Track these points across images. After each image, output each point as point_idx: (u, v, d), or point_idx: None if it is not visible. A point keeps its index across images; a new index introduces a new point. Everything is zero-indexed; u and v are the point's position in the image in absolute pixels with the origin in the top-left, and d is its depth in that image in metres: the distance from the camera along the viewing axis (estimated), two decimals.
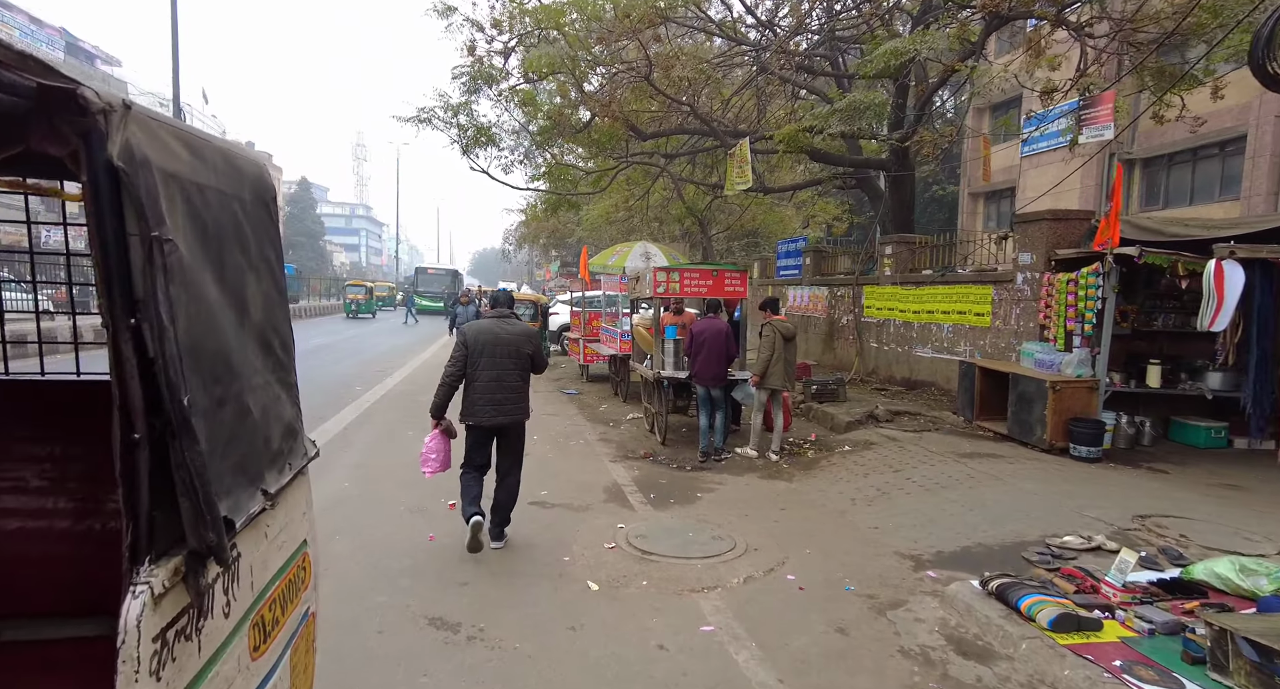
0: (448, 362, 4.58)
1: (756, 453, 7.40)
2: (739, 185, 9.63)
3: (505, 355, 4.50)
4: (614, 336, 10.88)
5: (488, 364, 4.46)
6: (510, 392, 4.52)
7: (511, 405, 4.53)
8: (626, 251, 12.38)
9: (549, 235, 24.08)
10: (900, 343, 11.01)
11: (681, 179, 12.93)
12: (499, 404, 4.48)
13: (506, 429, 4.60)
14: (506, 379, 4.50)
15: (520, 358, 4.56)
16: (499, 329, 4.55)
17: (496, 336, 4.51)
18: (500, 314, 4.70)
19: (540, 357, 4.79)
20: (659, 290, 7.51)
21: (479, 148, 12.48)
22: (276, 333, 1.76)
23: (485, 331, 4.51)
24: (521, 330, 4.67)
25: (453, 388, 4.51)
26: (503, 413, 4.49)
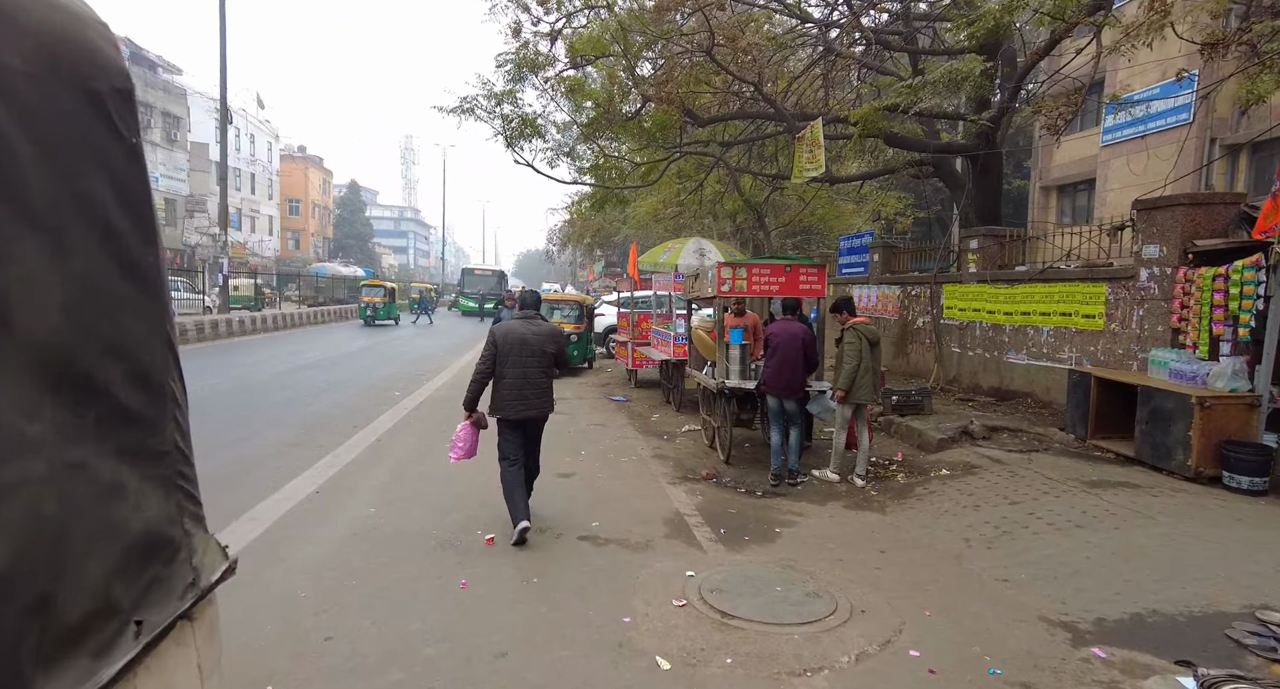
0: (478, 359, 4.85)
1: (838, 476, 6.42)
2: (809, 172, 8.65)
3: (531, 354, 4.77)
4: (666, 340, 10.01)
5: (515, 362, 4.74)
6: (535, 387, 4.80)
7: (537, 400, 4.83)
8: (679, 248, 11.51)
9: (594, 234, 23.38)
10: (988, 348, 9.82)
11: (738, 169, 11.97)
12: (525, 399, 4.76)
13: (532, 422, 4.92)
14: (532, 376, 4.78)
15: (545, 356, 4.83)
16: (525, 329, 4.82)
17: (523, 337, 4.78)
18: (527, 315, 4.95)
19: (564, 355, 5.03)
20: (723, 289, 6.61)
21: (523, 140, 11.79)
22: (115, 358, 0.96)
23: (513, 332, 4.79)
24: (547, 330, 4.91)
25: (483, 384, 4.81)
26: (529, 407, 4.79)
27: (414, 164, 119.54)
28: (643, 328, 12.21)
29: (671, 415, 9.72)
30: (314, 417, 8.79)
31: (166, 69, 42.71)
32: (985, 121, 8.63)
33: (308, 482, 5.86)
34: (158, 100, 39.11)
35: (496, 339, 4.77)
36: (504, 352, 4.73)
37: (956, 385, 10.43)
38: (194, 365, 13.31)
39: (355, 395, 10.63)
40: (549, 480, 6.20)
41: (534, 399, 4.78)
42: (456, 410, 7.48)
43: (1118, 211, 14.61)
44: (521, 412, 4.76)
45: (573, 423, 9.05)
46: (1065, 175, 21.85)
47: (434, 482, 6.07)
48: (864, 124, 8.65)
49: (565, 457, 7.16)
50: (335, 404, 9.74)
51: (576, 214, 21.36)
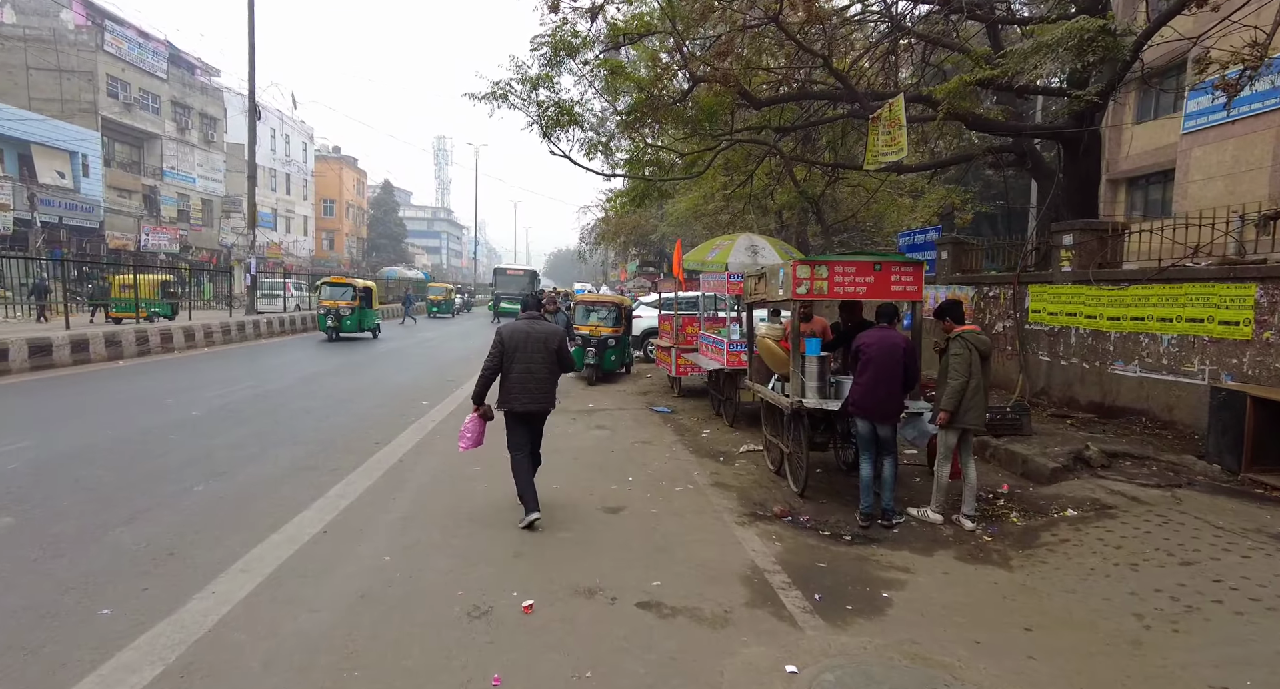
0: (487, 357, 5.07)
1: (941, 517, 5.35)
2: (886, 156, 7.57)
3: (535, 352, 5.05)
4: (718, 347, 9.00)
5: (520, 359, 5.02)
6: (539, 383, 5.07)
7: (540, 395, 5.10)
8: (728, 245, 10.48)
9: (630, 232, 22.42)
10: (1087, 357, 8.60)
11: (793, 158, 10.90)
12: (530, 393, 5.05)
13: (535, 415, 5.22)
14: (536, 372, 5.05)
15: (548, 353, 5.09)
16: (530, 329, 5.10)
17: (528, 335, 5.06)
18: (530, 316, 5.25)
19: (567, 353, 5.25)
20: (799, 291, 5.58)
21: (560, 129, 10.87)
22: None
23: (518, 331, 5.07)
24: (549, 329, 5.18)
25: (490, 380, 5.07)
26: (534, 401, 5.09)
27: (447, 164, 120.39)
28: (688, 332, 11.21)
29: (724, 431, 8.71)
30: (331, 431, 8.00)
31: (205, 71, 43.05)
32: (1093, 96, 7.43)
33: (315, 518, 5.01)
34: (196, 101, 39.39)
35: (503, 338, 5.04)
36: (510, 349, 5.02)
37: (1046, 399, 9.22)
38: (217, 370, 12.71)
39: (379, 405, 9.85)
40: (595, 517, 5.25)
41: (538, 394, 5.07)
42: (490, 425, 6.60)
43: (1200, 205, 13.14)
44: (526, 405, 5.06)
45: (615, 440, 8.11)
46: (1137, 167, 20.18)
47: (459, 518, 5.16)
48: (950, 101, 7.52)
49: (611, 484, 6.21)
50: (357, 416, 8.96)
51: (612, 211, 20.43)
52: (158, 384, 11.21)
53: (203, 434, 7.52)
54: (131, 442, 7.04)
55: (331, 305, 18.99)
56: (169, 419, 8.20)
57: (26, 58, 32.14)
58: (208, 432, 7.66)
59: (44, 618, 3.41)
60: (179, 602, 3.64)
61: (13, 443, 6.70)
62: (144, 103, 35.69)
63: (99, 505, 5.07)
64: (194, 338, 16.07)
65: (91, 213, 32.06)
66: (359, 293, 19.41)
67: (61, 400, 9.56)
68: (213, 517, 4.96)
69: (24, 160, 29.84)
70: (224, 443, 7.17)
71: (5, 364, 11.02)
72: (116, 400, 9.44)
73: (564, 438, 8.11)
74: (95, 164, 32.44)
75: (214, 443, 7.14)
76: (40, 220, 28.84)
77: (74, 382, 11.07)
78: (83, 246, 31.71)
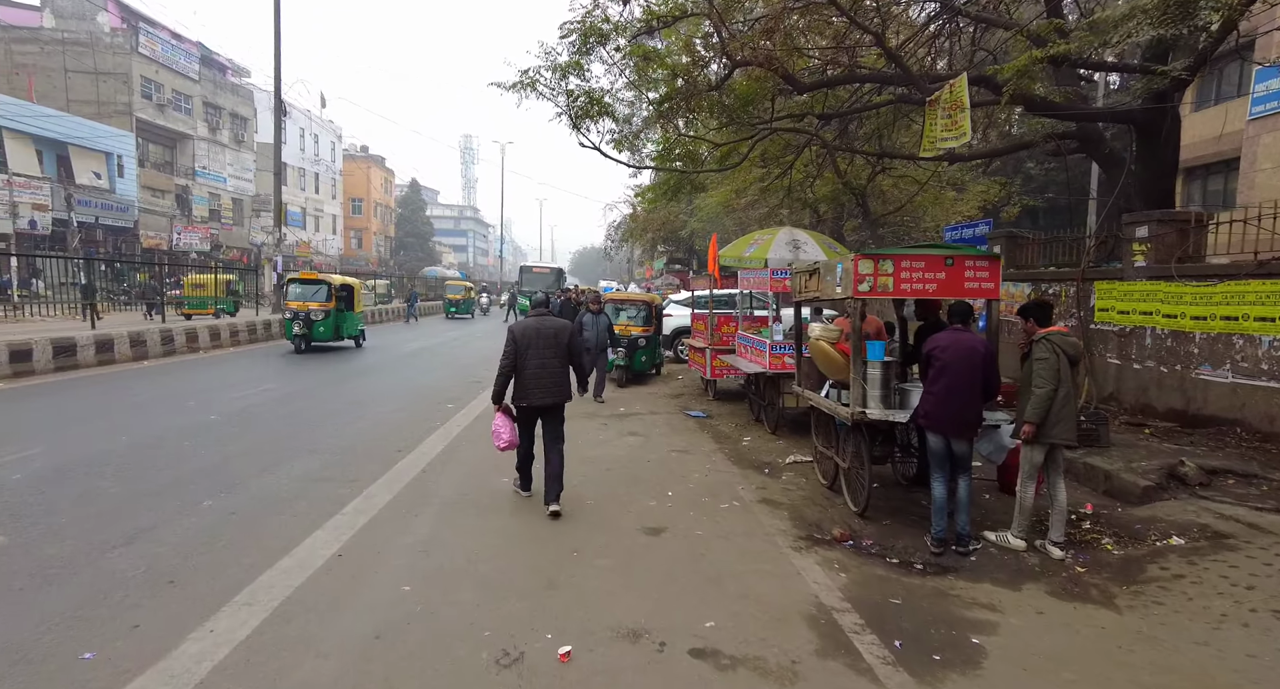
0: (502, 355, 5.26)
1: (1024, 542, 4.74)
2: (947, 142, 6.93)
3: (546, 347, 5.23)
4: (759, 349, 8.43)
5: (534, 355, 5.19)
6: (553, 376, 5.24)
7: (555, 388, 5.26)
8: (768, 240, 9.89)
9: (659, 228, 21.85)
10: (1166, 360, 7.85)
11: (837, 148, 10.26)
12: (545, 387, 5.20)
13: (551, 408, 5.32)
14: (549, 366, 5.22)
15: (559, 348, 5.27)
16: (541, 325, 5.29)
17: (539, 332, 5.25)
18: (540, 314, 5.42)
19: (577, 348, 5.47)
20: (861, 288, 5.00)
21: (590, 120, 10.37)
22: None
23: (530, 329, 5.26)
24: (559, 325, 5.37)
25: (508, 377, 5.25)
26: (549, 394, 5.23)
27: (474, 163, 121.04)
28: (724, 332, 10.64)
29: (766, 439, 8.14)
30: (352, 438, 7.62)
31: (236, 72, 43.51)
32: (1180, 72, 6.69)
33: (328, 539, 4.58)
34: (227, 102, 39.78)
35: (516, 336, 5.22)
36: (523, 346, 5.21)
37: (1116, 405, 8.48)
38: (240, 371, 12.47)
39: (402, 407, 9.47)
40: (635, 540, 4.75)
41: (553, 387, 5.24)
42: None
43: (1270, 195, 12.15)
44: (542, 398, 5.23)
45: (649, 448, 7.59)
46: (1196, 156, 19.03)
47: (487, 539, 4.70)
48: (1016, 81, 6.84)
49: (649, 499, 5.69)
50: (379, 421, 8.57)
51: (642, 206, 19.90)
52: (180, 385, 10.99)
53: (218, 440, 7.18)
54: (144, 448, 6.72)
55: (300, 308, 15.18)
56: (186, 423, 7.89)
57: (65, 61, 32.69)
58: (224, 437, 7.32)
59: (16, 664, 3.01)
60: (172, 643, 3.22)
61: (21, 450, 6.42)
62: (177, 104, 36.12)
63: (100, 522, 4.71)
64: (219, 337, 15.92)
65: (126, 213, 32.51)
66: (336, 292, 15.72)
67: (80, 403, 9.35)
68: (219, 536, 4.56)
69: (62, 161, 30.33)
70: (239, 450, 6.81)
71: (29, 364, 10.89)
72: (135, 403, 9.20)
73: (596, 445, 7.62)
74: (130, 164, 32.89)
75: (228, 450, 6.79)
76: (77, 220, 29.31)
77: (96, 382, 10.90)
78: (118, 246, 32.18)
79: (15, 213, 26.88)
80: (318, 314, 15.29)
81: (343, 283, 16.41)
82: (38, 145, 29.35)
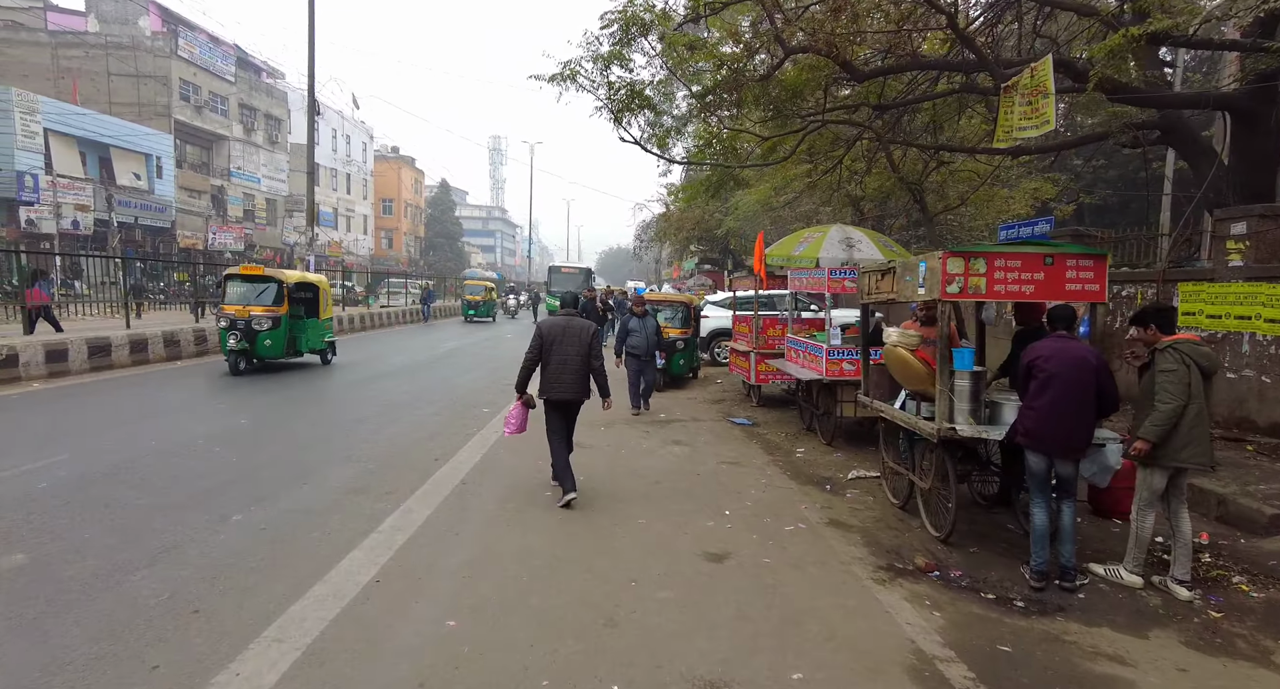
0: (528, 349, 5.47)
1: (1140, 578, 4.18)
2: (1026, 130, 6.34)
3: (570, 344, 5.44)
4: (815, 353, 7.91)
5: (557, 351, 5.42)
6: (573, 373, 5.45)
7: (575, 385, 5.47)
8: (818, 238, 9.35)
9: (693, 227, 21.32)
10: (1269, 369, 7.15)
11: (893, 140, 9.68)
12: (565, 383, 5.45)
13: (571, 404, 5.58)
14: (571, 363, 5.43)
15: (581, 346, 5.45)
16: (567, 324, 5.52)
17: (565, 330, 5.47)
18: (568, 314, 5.69)
19: (598, 347, 5.57)
20: (950, 289, 4.48)
21: (630, 114, 9.92)
22: None
23: (556, 326, 5.50)
24: (582, 325, 5.57)
25: (530, 370, 5.51)
26: (568, 391, 5.47)
27: (502, 164, 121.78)
28: (769, 335, 10.13)
29: (821, 450, 7.63)
30: (387, 444, 7.29)
31: (270, 73, 44.06)
32: None
33: (365, 560, 4.21)
34: (261, 103, 40.27)
35: (542, 332, 5.46)
36: (548, 342, 5.41)
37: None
38: (271, 374, 12.26)
39: (438, 411, 9.15)
40: (696, 568, 4.29)
41: (573, 384, 5.44)
42: None
43: None
44: (562, 394, 5.45)
45: (697, 459, 7.13)
46: None
47: (535, 563, 4.28)
48: (1107, 63, 6.23)
49: (705, 519, 5.23)
50: (415, 425, 8.25)
51: (679, 204, 19.41)
52: (212, 387, 10.82)
53: (249, 447, 6.90)
54: (173, 455, 6.45)
55: (239, 314, 11.31)
56: (217, 428, 7.65)
57: (108, 65, 33.35)
58: (255, 444, 7.05)
59: None
60: None
61: (49, 457, 6.20)
62: (213, 105, 36.64)
63: (123, 539, 4.40)
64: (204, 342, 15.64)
65: (164, 213, 33.04)
66: (290, 294, 11.91)
67: (111, 405, 9.19)
68: (248, 556, 4.21)
69: (104, 163, 30.91)
70: (270, 458, 6.52)
71: (65, 365, 10.81)
72: (167, 406, 9.01)
73: (640, 455, 7.19)
74: (168, 166, 33.42)
75: (259, 458, 6.49)
76: (117, 220, 29.83)
77: (129, 383, 10.79)
78: (155, 246, 32.71)
79: (59, 213, 27.39)
80: (262, 322, 11.33)
81: (301, 281, 12.65)
82: (81, 147, 29.95)
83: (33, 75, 31.86)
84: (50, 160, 28.21)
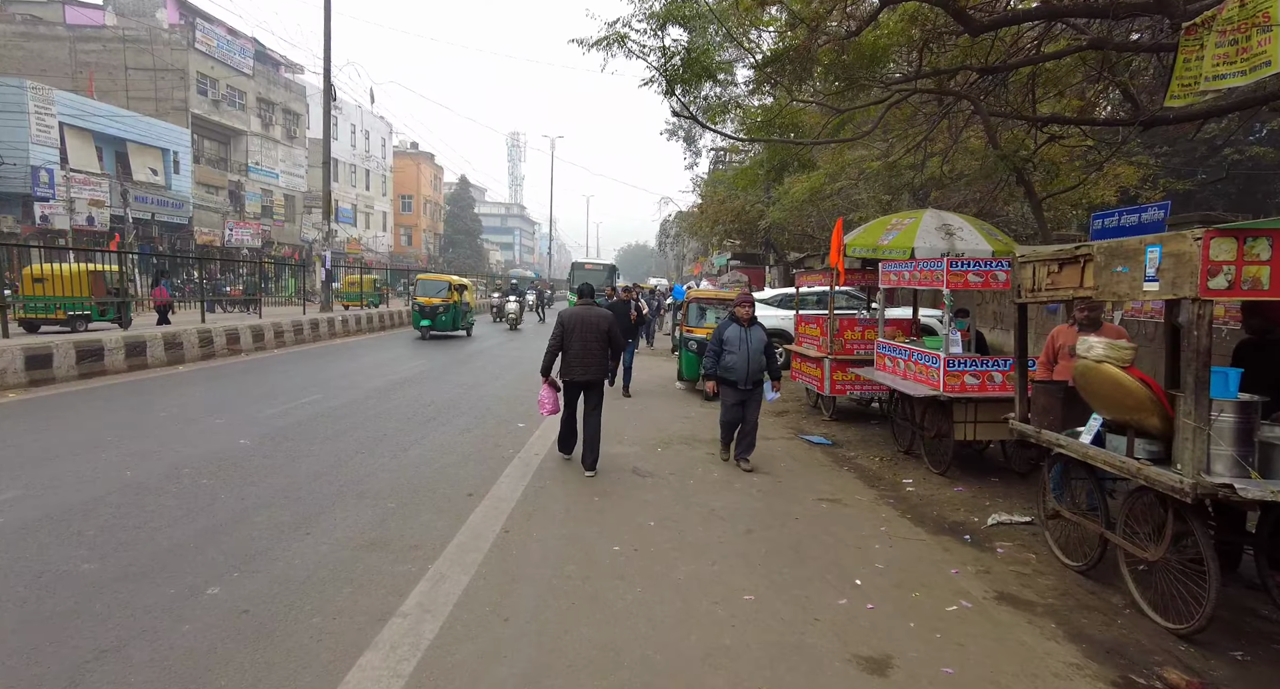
0: (550, 337, 6.16)
1: None
2: (1226, 79, 4.94)
3: (589, 331, 6.06)
4: (925, 364, 6.54)
5: (578, 338, 6.04)
6: (594, 357, 6.09)
7: (595, 367, 6.12)
8: (910, 225, 7.97)
9: (732, 220, 19.87)
10: None
11: (994, 111, 8.25)
12: (586, 366, 6.08)
13: (592, 384, 6.19)
14: (591, 348, 6.07)
15: (600, 333, 6.08)
16: (585, 313, 6.11)
17: (584, 319, 6.07)
18: (586, 304, 6.26)
19: (617, 335, 6.27)
20: (1214, 284, 3.12)
21: (684, 85, 8.57)
22: None
23: (575, 316, 6.08)
24: (600, 314, 6.19)
25: (554, 355, 6.11)
26: (589, 372, 6.10)
27: (521, 161, 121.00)
28: (846, 338, 8.75)
29: (933, 481, 6.27)
30: (410, 472, 6.05)
31: (288, 68, 43.30)
32: None
33: (382, 672, 2.94)
34: (279, 97, 39.46)
35: (563, 321, 6.04)
36: (569, 330, 6.03)
37: None
38: (280, 377, 11.11)
39: (466, 427, 7.92)
40: (851, 680, 2.96)
41: (593, 366, 6.09)
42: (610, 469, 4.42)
43: None
44: (584, 375, 6.08)
45: (786, 494, 5.81)
46: None
47: (621, 673, 2.99)
48: None
49: (827, 590, 3.90)
50: (441, 449, 7.01)
51: (721, 190, 17.98)
52: (211, 395, 9.70)
53: (242, 478, 5.69)
54: (148, 491, 5.25)
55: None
56: (207, 450, 6.46)
57: (125, 58, 32.69)
58: (249, 473, 5.83)
59: None
60: None
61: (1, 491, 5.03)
62: (231, 99, 35.88)
63: (54, 633, 3.18)
64: (263, 338, 14.74)
65: (181, 209, 32.30)
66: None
67: (92, 420, 8.06)
68: (219, 663, 2.97)
69: (120, 158, 30.21)
70: (267, 494, 5.29)
71: (49, 372, 9.74)
72: (155, 420, 7.84)
73: (714, 488, 5.89)
74: (185, 161, 32.69)
75: (253, 495, 5.27)
76: (132, 216, 29.08)
77: (123, 391, 9.70)
78: (172, 242, 32.00)
79: (73, 208, 26.68)
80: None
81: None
82: (98, 142, 29.24)
83: (51, 70, 31.30)
84: (66, 155, 27.53)
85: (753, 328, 6.57)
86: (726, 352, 6.46)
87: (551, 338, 6.08)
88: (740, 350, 6.42)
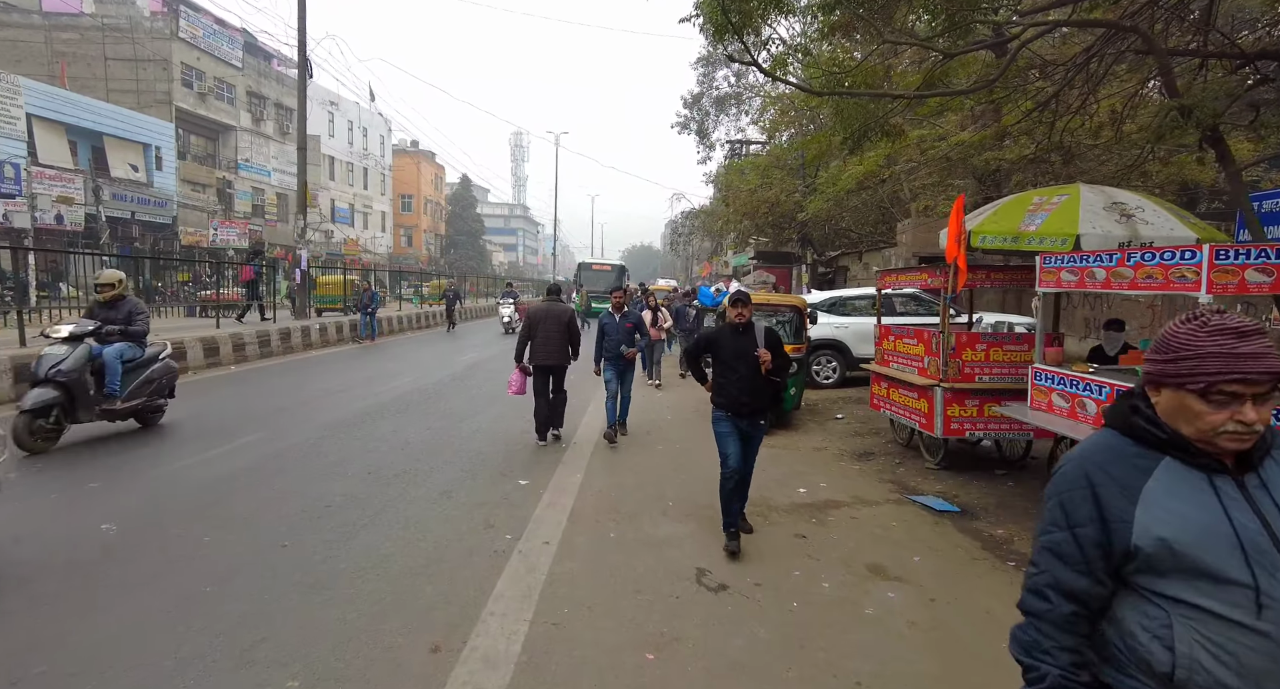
0: (520, 329, 7.44)
1: None
2: None
3: (552, 323, 7.17)
4: None
5: (542, 330, 7.16)
6: (555, 346, 7.18)
7: (557, 354, 7.21)
8: (1064, 205, 5.71)
9: (765, 212, 17.52)
10: None
11: (1180, 52, 5.97)
12: (549, 353, 7.16)
13: (554, 368, 7.25)
14: (553, 339, 7.16)
15: (561, 325, 7.19)
16: (550, 308, 7.29)
17: (548, 312, 7.22)
18: (551, 300, 7.53)
19: (575, 328, 7.36)
20: None
21: (748, 25, 6.30)
22: None
23: (541, 310, 7.28)
24: (562, 309, 7.37)
25: (524, 344, 7.29)
26: (550, 358, 7.18)
27: (524, 161, 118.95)
28: (965, 359, 6.45)
29: None
30: (373, 583, 3.81)
31: (281, 61, 41.29)
32: None
33: None
34: (271, 91, 37.41)
35: (530, 315, 7.23)
36: (534, 322, 7.15)
37: None
38: (223, 403, 8.46)
39: (445, 488, 5.68)
40: None
41: (555, 354, 7.18)
42: None
43: None
44: (545, 360, 7.15)
45: (943, 624, 3.54)
46: None
47: None
48: None
49: None
50: (403, 540, 4.77)
51: (746, 180, 15.68)
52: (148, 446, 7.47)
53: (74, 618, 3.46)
54: None
55: None
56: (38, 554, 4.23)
57: (104, 48, 30.69)
58: (86, 608, 3.60)
59: None
60: None
61: None
62: (219, 92, 33.84)
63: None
64: (217, 352, 12.35)
65: (165, 208, 30.23)
66: None
67: None
68: None
69: (97, 153, 28.18)
70: (177, 619, 3.05)
71: None
72: None
73: (837, 619, 3.61)
74: (169, 157, 30.64)
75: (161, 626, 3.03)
76: (105, 215, 26.97)
77: None
78: (155, 243, 29.93)
79: (34, 205, 24.57)
80: None
81: None
82: (71, 136, 27.20)
83: (27, 60, 29.33)
84: (34, 149, 25.48)
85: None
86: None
87: (521, 330, 7.36)
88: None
